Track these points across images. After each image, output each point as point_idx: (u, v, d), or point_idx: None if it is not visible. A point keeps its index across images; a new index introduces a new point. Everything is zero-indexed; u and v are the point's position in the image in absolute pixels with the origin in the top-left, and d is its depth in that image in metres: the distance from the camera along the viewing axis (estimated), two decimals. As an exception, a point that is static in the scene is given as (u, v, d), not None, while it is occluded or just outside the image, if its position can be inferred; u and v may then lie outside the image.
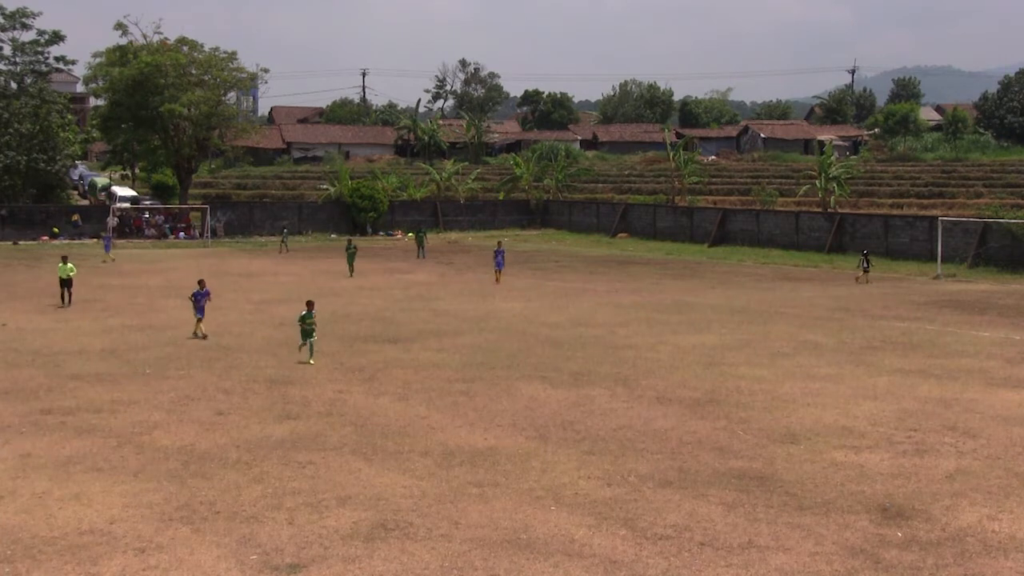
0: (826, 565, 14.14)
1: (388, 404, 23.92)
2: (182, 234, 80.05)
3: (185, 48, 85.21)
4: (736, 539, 15.11)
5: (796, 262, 63.04)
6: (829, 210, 77.84)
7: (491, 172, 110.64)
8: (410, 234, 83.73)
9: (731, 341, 33.14)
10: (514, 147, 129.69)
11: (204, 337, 32.93)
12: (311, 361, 28.52)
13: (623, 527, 15.59)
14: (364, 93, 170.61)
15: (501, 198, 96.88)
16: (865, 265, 53.07)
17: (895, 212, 77.60)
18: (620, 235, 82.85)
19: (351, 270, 53.03)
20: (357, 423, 21.97)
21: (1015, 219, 59.80)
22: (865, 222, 69.15)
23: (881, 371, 28.19)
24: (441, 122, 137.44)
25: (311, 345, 28.99)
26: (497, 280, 50.23)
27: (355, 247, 55.08)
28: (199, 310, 33.97)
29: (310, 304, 29.78)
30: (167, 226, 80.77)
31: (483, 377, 26.99)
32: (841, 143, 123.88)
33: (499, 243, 54.68)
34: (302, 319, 29.26)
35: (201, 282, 35.22)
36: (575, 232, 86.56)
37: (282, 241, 71.07)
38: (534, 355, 30.19)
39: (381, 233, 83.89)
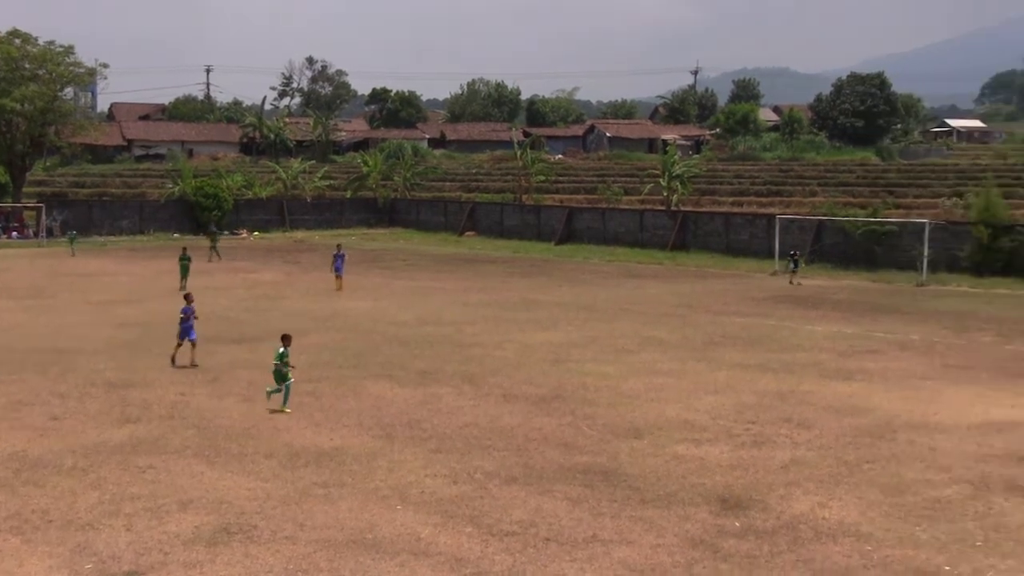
0: (667, 556, 14.40)
1: (232, 406, 23.50)
2: (15, 234, 77.32)
3: (17, 41, 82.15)
4: (580, 533, 15.27)
5: (641, 259, 64.03)
6: (672, 208, 79.27)
7: (338, 170, 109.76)
8: (256, 233, 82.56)
9: (577, 338, 33.48)
10: (362, 145, 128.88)
11: (195, 365, 27.93)
12: (287, 409, 22.82)
13: (469, 524, 15.61)
14: (208, 90, 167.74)
15: (348, 197, 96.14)
16: (793, 266, 52.55)
17: (736, 210, 79.46)
18: (467, 233, 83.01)
19: (183, 283, 45.20)
20: (200, 426, 21.53)
21: (847, 217, 61.80)
22: (707, 220, 70.62)
23: (721, 366, 28.83)
24: (287, 120, 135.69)
25: (287, 389, 23.21)
26: (338, 287, 46.31)
27: (189, 257, 47.63)
28: (185, 332, 28.42)
29: (287, 339, 23.83)
30: (-1, 226, 77.98)
31: (329, 377, 26.74)
32: (684, 142, 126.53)
33: (339, 246, 49.90)
34: (280, 358, 23.28)
35: (188, 296, 29.90)
36: (423, 231, 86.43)
37: (212, 247, 61.20)
38: (381, 354, 30.04)
39: (226, 232, 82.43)
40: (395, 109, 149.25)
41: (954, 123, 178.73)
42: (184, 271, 46.67)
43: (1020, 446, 20.39)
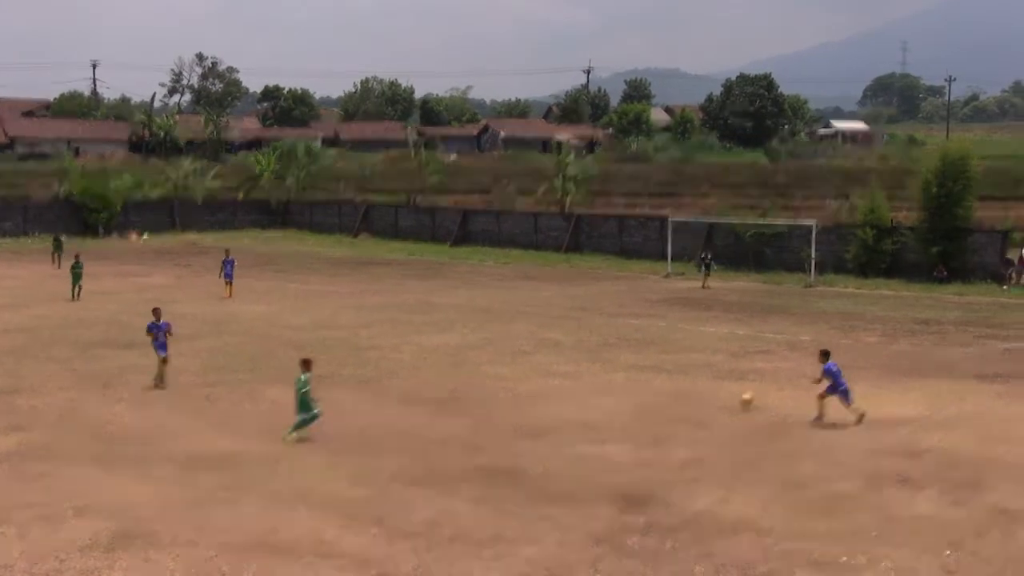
0: (573, 554, 14.57)
1: (126, 411, 23.15)
2: None
3: None
4: (485, 532, 15.37)
5: (536, 261, 64.34)
6: (566, 210, 79.77)
7: (231, 170, 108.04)
8: (145, 235, 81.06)
9: (474, 340, 33.58)
10: (254, 144, 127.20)
11: (163, 385, 25.63)
12: (293, 436, 20.49)
13: (373, 525, 15.62)
14: (95, 86, 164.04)
15: (241, 198, 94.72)
16: (705, 270, 52.35)
17: (629, 212, 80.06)
18: (362, 235, 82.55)
19: (74, 292, 42.60)
20: (94, 431, 21.17)
21: (737, 220, 62.79)
22: (601, 222, 71.17)
23: (617, 367, 29.16)
24: (178, 118, 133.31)
25: (310, 419, 20.71)
26: (228, 293, 44.19)
27: (82, 264, 43.69)
28: (161, 347, 26.31)
29: (307, 364, 21.37)
30: None
31: (225, 381, 26.46)
32: (578, 143, 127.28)
33: (227, 251, 47.27)
34: (303, 385, 20.86)
35: (156, 311, 27.41)
36: (317, 232, 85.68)
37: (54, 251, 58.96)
38: (276, 358, 29.70)
39: (115, 234, 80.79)
40: (288, 107, 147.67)
41: (839, 124, 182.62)
42: (76, 279, 43.09)
43: (909, 441, 21.02)
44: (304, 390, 20.70)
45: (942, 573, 14.19)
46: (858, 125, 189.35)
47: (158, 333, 26.48)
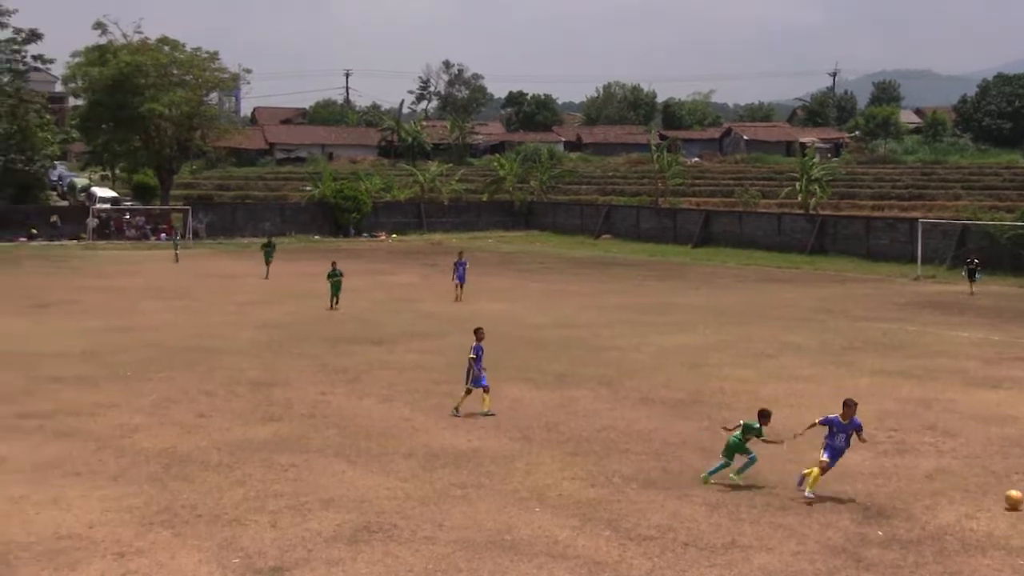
0: (808, 564, 14.19)
1: (372, 406, 23.87)
2: (164, 236, 79.65)
3: (166, 48, 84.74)
4: (719, 539, 15.14)
5: (778, 263, 63.15)
6: (811, 212, 77.99)
7: (475, 173, 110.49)
8: (394, 236, 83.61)
9: (714, 342, 33.19)
10: (498, 148, 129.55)
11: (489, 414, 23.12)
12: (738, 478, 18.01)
13: (607, 528, 15.60)
14: (347, 94, 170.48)
15: (485, 199, 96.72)
16: (971, 275, 49.79)
17: (876, 214, 77.77)
18: (604, 236, 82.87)
19: (332, 302, 40.99)
20: (340, 425, 21.92)
21: (992, 221, 60.02)
22: (847, 224, 69.36)
23: (862, 372, 28.28)
24: (425, 123, 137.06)
25: (750, 462, 18.09)
26: (457, 297, 43.63)
27: (341, 273, 41.78)
28: (476, 379, 23.48)
29: (765, 416, 18.40)
30: (148, 227, 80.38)
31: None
32: (823, 145, 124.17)
33: (460, 253, 46.25)
34: (746, 437, 18.09)
35: (478, 332, 24.27)
36: (559, 234, 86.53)
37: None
38: (518, 356, 30.14)
39: (364, 235, 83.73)
40: (531, 112, 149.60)
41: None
42: (336, 288, 41.21)
43: None
44: (746, 439, 18.02)
45: None
46: None
47: (479, 356, 23.59)
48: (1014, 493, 16.19)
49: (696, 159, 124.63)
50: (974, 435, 21.31)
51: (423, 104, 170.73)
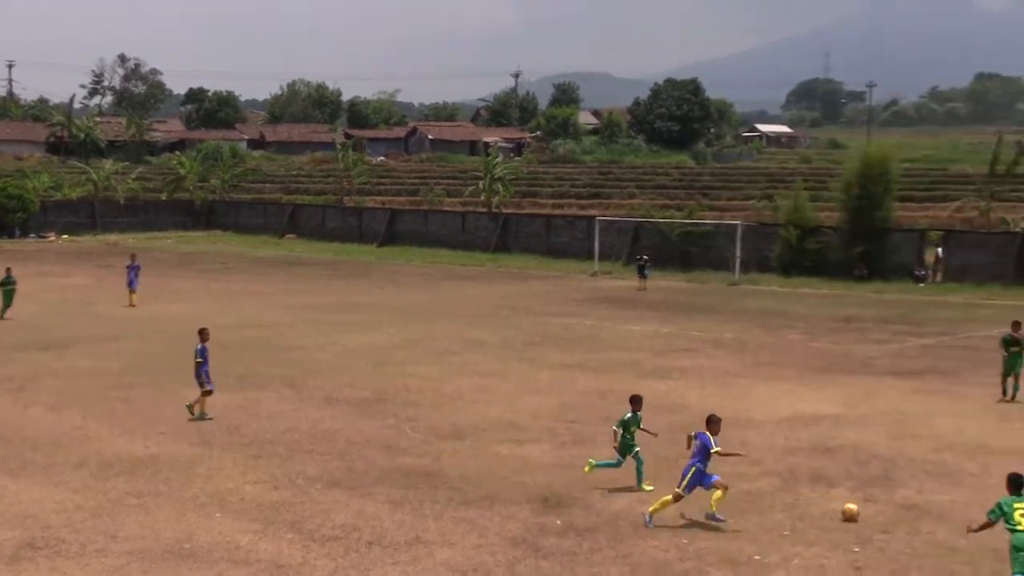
0: (490, 556, 14.45)
1: (39, 415, 22.65)
2: None
3: None
4: (403, 536, 15.20)
5: (463, 261, 64.15)
6: (494, 210, 79.74)
7: (153, 172, 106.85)
8: (64, 236, 79.62)
9: (399, 340, 33.36)
10: (178, 146, 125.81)
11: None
12: (648, 487, 17.73)
13: (290, 530, 15.38)
14: (11, 87, 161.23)
15: (164, 199, 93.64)
16: (642, 272, 51.34)
17: (556, 212, 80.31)
18: (288, 236, 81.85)
19: (4, 312, 37.45)
20: (4, 437, 20.64)
21: (663, 219, 63.15)
22: (528, 222, 71.22)
23: (543, 366, 29.10)
24: (99, 119, 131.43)
25: (639, 465, 18.05)
26: (131, 302, 41.14)
27: (14, 281, 38.07)
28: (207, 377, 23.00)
29: (637, 401, 18.80)
30: None
31: (143, 383, 26.02)
32: (505, 145, 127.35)
33: (132, 256, 43.42)
34: (627, 426, 18.38)
35: (203, 332, 23.73)
36: (242, 233, 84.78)
37: None
38: (198, 359, 29.29)
39: (32, 235, 79.31)
40: (212, 109, 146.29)
41: (763, 128, 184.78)
42: (8, 297, 37.82)
43: (824, 439, 21.19)
44: (630, 430, 18.17)
45: (850, 570, 14.27)
46: (782, 128, 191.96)
47: (206, 359, 23.12)
48: (850, 506, 16.26)
49: (382, 158, 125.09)
50: (647, 423, 22.23)
51: (96, 99, 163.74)
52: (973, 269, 51.22)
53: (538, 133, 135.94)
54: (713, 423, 16.25)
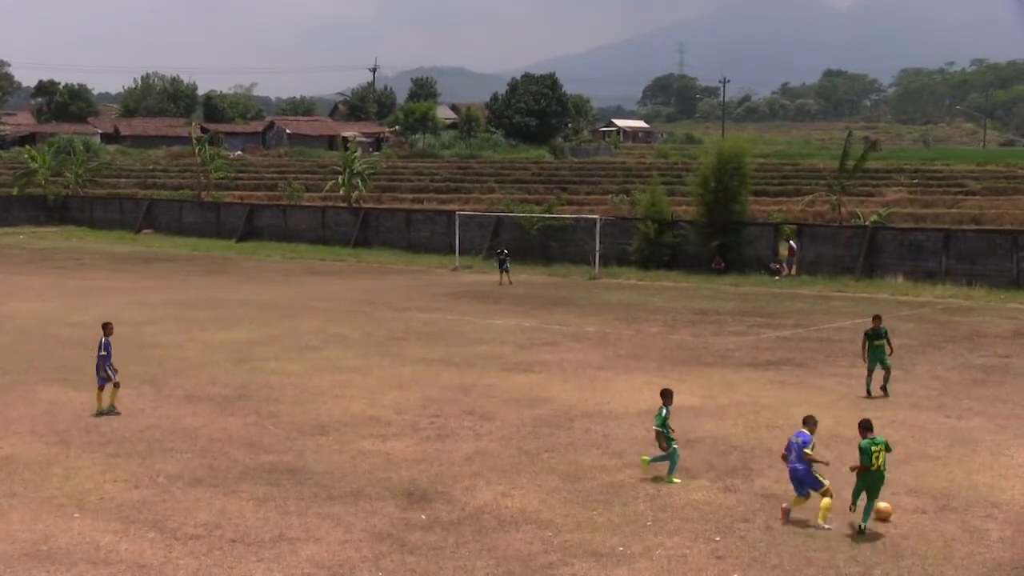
0: (355, 552, 14.57)
1: None
2: None
3: None
4: (267, 533, 15.21)
5: (323, 256, 63.73)
6: (353, 205, 79.36)
7: (3, 166, 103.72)
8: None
9: (260, 336, 33.12)
10: (28, 140, 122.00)
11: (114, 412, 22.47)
12: (676, 479, 18.15)
13: (152, 529, 15.27)
14: None
15: (15, 194, 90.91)
16: (502, 266, 50.66)
17: (416, 207, 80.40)
18: (145, 231, 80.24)
19: None
20: None
21: (522, 213, 63.66)
22: (388, 216, 71.03)
23: (406, 361, 29.21)
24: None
25: (674, 457, 18.33)
26: None
27: None
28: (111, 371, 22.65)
29: (668, 396, 18.65)
30: None
31: (-4, 383, 25.37)
32: (364, 139, 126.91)
33: None
34: (663, 421, 18.32)
35: (107, 326, 23.36)
36: (97, 229, 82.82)
37: None
38: (55, 357, 28.73)
39: None
40: (64, 103, 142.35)
41: (620, 123, 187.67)
42: None
43: (684, 430, 21.39)
44: (665, 425, 18.22)
45: (712, 558, 14.73)
46: (638, 124, 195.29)
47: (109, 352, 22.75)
48: (882, 505, 16.06)
49: (239, 152, 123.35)
50: (509, 417, 22.60)
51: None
52: (825, 262, 52.79)
53: (397, 128, 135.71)
54: (810, 423, 16.68)
